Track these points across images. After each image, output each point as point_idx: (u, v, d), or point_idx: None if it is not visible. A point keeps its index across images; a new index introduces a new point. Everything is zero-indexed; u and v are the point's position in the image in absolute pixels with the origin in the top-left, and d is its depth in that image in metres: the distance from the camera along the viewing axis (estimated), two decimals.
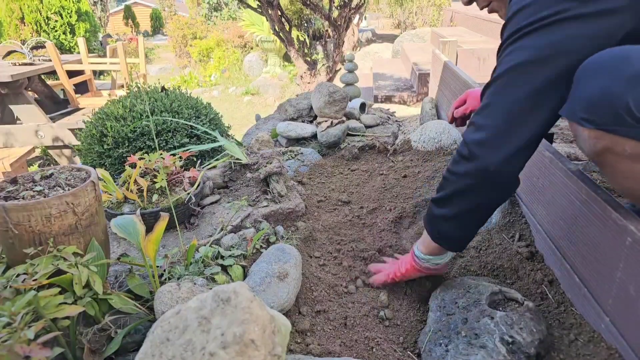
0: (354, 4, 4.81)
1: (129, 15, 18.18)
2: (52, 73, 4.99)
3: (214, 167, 1.79)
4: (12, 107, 4.56)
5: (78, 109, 5.08)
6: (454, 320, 1.06)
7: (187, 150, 1.74)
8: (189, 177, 1.53)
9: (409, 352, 1.06)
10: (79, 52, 5.64)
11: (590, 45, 0.82)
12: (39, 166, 5.37)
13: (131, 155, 1.52)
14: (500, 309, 1.04)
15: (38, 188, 0.94)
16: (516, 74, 0.90)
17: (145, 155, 1.50)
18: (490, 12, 1.23)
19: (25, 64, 4.68)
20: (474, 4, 1.23)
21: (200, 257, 1.15)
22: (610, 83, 0.75)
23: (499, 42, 1.13)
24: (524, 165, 0.94)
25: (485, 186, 0.96)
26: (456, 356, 0.97)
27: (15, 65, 4.65)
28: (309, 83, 5.10)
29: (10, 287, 0.80)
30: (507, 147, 0.90)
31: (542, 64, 0.86)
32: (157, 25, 19.05)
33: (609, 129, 0.77)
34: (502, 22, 1.23)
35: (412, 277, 1.21)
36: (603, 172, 0.91)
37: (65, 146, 4.61)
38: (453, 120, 1.56)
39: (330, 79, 5.10)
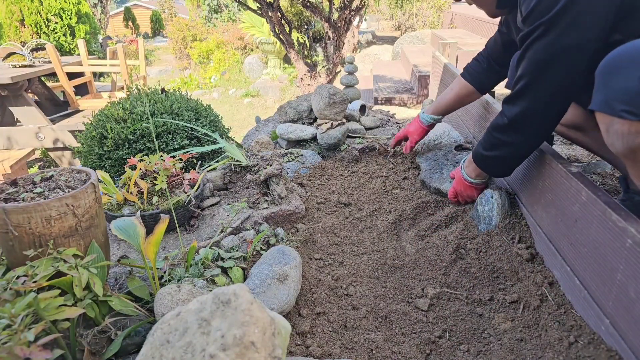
0: (354, 6, 4.82)
1: (129, 17, 18.22)
2: (52, 75, 5.00)
3: (214, 169, 1.79)
4: (12, 109, 4.56)
5: (78, 111, 5.08)
6: (439, 161, 1.84)
7: (187, 152, 1.74)
8: (189, 179, 1.53)
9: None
10: (79, 54, 5.65)
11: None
12: (39, 168, 5.37)
13: (131, 157, 1.52)
14: (462, 148, 1.91)
15: (38, 190, 0.94)
16: (556, 57, 1.04)
17: (146, 157, 1.50)
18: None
19: (25, 66, 4.68)
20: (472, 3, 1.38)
21: (200, 259, 1.15)
22: None
23: None
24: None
25: (530, 149, 1.27)
26: (449, 174, 1.70)
27: (15, 67, 4.65)
28: (309, 85, 5.10)
29: (10, 289, 0.80)
30: (549, 121, 1.16)
31: (580, 50, 1.01)
32: (157, 27, 19.08)
33: None
34: None
35: (464, 191, 1.53)
36: (630, 166, 0.91)
37: (65, 148, 4.61)
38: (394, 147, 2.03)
39: (330, 81, 5.10)
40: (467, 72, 1.75)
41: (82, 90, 5.54)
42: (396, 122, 2.95)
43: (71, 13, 9.07)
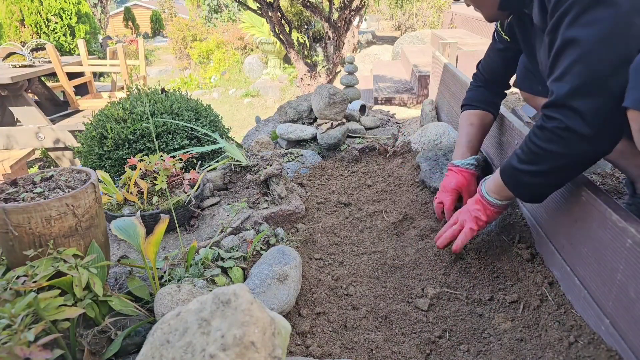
0: (353, 6, 4.82)
1: (129, 17, 18.22)
2: (52, 75, 5.00)
3: (214, 169, 1.79)
4: (12, 109, 4.56)
5: (78, 111, 5.08)
6: (439, 161, 1.82)
7: (187, 152, 1.74)
8: (189, 179, 1.53)
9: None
10: (79, 54, 5.65)
11: None
12: (39, 168, 5.37)
13: (131, 157, 1.52)
14: None
15: (38, 190, 0.94)
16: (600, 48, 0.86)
17: (146, 157, 1.50)
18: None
19: (25, 66, 4.68)
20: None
21: (200, 259, 1.15)
22: None
23: None
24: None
25: (588, 163, 0.99)
26: None
27: (16, 67, 4.65)
28: (309, 85, 5.10)
29: (11, 289, 0.80)
30: (614, 131, 0.89)
31: (623, 36, 0.84)
32: (157, 27, 19.08)
33: None
34: None
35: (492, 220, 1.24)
36: None
37: (66, 148, 4.61)
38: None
39: (330, 81, 5.10)
40: (477, 102, 1.57)
41: (82, 90, 5.54)
42: (396, 122, 2.95)
43: (71, 13, 9.07)
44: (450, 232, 1.28)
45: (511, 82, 1.59)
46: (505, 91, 1.60)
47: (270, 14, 4.60)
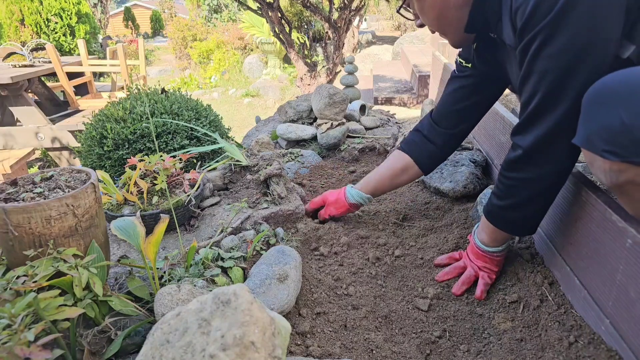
0: (353, 6, 4.82)
1: (129, 17, 18.22)
2: (52, 75, 5.00)
3: (214, 169, 1.79)
4: (12, 108, 4.56)
5: (78, 111, 5.08)
6: None
7: (187, 152, 1.74)
8: (189, 179, 1.53)
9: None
10: (79, 54, 5.65)
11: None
12: (39, 168, 5.37)
13: (131, 157, 1.52)
14: (462, 148, 1.92)
15: (38, 190, 0.94)
16: (563, 76, 0.88)
17: (146, 157, 1.50)
18: (432, 32, 1.20)
19: (25, 66, 4.68)
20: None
21: (200, 259, 1.15)
22: (626, 113, 0.71)
23: None
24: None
25: (559, 181, 1.03)
26: (449, 174, 1.71)
27: (15, 67, 4.65)
28: (309, 85, 5.10)
29: (10, 289, 0.80)
30: (573, 150, 0.94)
31: (582, 63, 0.86)
32: (157, 27, 19.08)
33: (633, 160, 0.72)
34: None
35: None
36: (620, 199, 0.87)
37: (65, 148, 4.61)
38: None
39: (330, 81, 5.10)
40: (404, 144, 1.51)
41: (82, 90, 5.54)
42: (396, 122, 2.95)
43: (71, 13, 9.08)
44: (467, 280, 1.25)
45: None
46: (460, 131, 1.43)
47: (270, 14, 4.60)
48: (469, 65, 1.33)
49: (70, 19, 9.08)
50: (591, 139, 0.78)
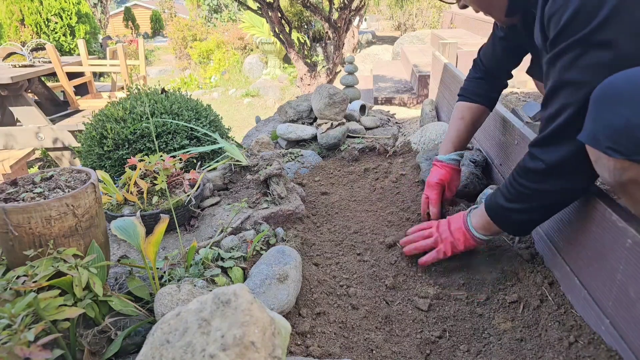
0: (353, 6, 4.82)
1: (129, 17, 18.22)
2: (52, 75, 5.00)
3: (214, 169, 1.79)
4: (12, 108, 4.56)
5: (78, 111, 5.08)
6: None
7: (187, 152, 1.74)
8: (189, 179, 1.53)
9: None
10: (79, 54, 5.65)
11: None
12: (39, 168, 5.37)
13: (131, 157, 1.52)
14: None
15: (38, 190, 0.94)
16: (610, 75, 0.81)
17: (146, 157, 1.50)
18: (485, 13, 1.22)
19: (25, 66, 4.68)
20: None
21: (200, 259, 1.15)
22: (632, 113, 0.72)
23: None
24: None
25: (576, 196, 1.03)
26: None
27: (16, 67, 4.65)
28: (309, 85, 5.10)
29: (10, 289, 0.80)
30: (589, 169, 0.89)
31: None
32: (157, 27, 19.08)
33: (635, 158, 0.73)
34: None
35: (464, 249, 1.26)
36: (623, 198, 0.87)
37: (65, 148, 4.61)
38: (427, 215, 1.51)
39: (330, 81, 5.10)
40: (473, 95, 1.56)
41: (82, 90, 5.54)
42: (396, 122, 2.95)
43: (71, 13, 9.08)
44: (422, 245, 1.31)
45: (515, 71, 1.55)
46: (507, 81, 1.56)
47: (270, 14, 4.60)
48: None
49: (70, 19, 9.08)
50: (596, 137, 0.79)
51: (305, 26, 10.41)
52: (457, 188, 1.52)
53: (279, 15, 4.67)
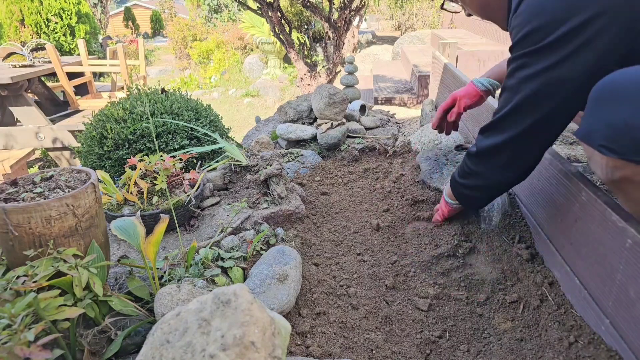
0: (353, 6, 4.82)
1: (129, 17, 18.22)
2: (52, 75, 5.00)
3: (214, 169, 1.79)
4: (12, 108, 4.56)
5: (78, 111, 5.08)
6: (439, 161, 1.81)
7: (187, 152, 1.74)
8: (189, 179, 1.53)
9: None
10: (79, 54, 5.65)
11: (587, 78, 0.87)
12: (39, 168, 5.37)
13: (131, 157, 1.52)
14: (462, 149, 1.83)
15: (38, 190, 0.94)
16: (526, 102, 0.97)
17: (146, 157, 1.50)
18: (483, 18, 1.26)
19: (25, 66, 4.68)
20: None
21: (200, 259, 1.15)
22: (631, 113, 0.72)
23: (499, 44, 1.13)
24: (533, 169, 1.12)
25: (500, 186, 1.21)
26: (449, 174, 1.68)
27: (15, 67, 4.65)
28: (309, 85, 5.10)
29: (10, 289, 0.80)
30: (522, 160, 1.09)
31: (548, 97, 0.94)
32: (157, 27, 19.08)
33: (630, 158, 0.74)
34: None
35: (449, 214, 1.46)
36: (617, 195, 0.89)
37: (65, 148, 4.61)
38: (440, 126, 1.54)
39: (330, 81, 5.10)
40: None
41: (82, 90, 5.54)
42: (396, 122, 2.95)
43: (71, 13, 9.08)
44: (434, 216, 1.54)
45: None
46: None
47: (270, 14, 4.60)
48: None
49: (70, 19, 9.08)
50: (591, 134, 0.80)
51: (305, 26, 10.41)
52: (466, 107, 1.48)
53: (279, 15, 4.67)
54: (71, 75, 5.07)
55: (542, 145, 1.04)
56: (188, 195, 1.46)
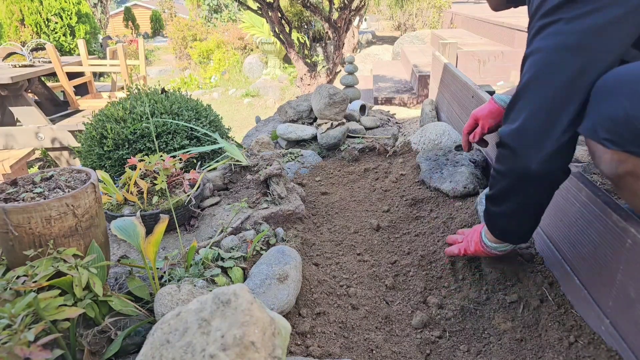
0: (354, 6, 4.82)
1: (129, 17, 18.22)
2: (52, 75, 4.99)
3: (214, 169, 1.79)
4: (12, 108, 4.56)
5: (78, 111, 5.08)
6: (439, 161, 1.82)
7: (187, 152, 1.74)
8: (189, 179, 1.53)
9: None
10: (79, 54, 5.64)
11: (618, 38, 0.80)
12: (39, 168, 5.37)
13: (131, 157, 1.52)
14: (462, 149, 1.62)
15: (38, 190, 0.94)
16: (550, 62, 0.86)
17: (146, 157, 1.50)
18: None
19: (25, 66, 4.68)
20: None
21: (200, 259, 1.15)
22: (631, 103, 0.72)
23: (499, 44, 1.11)
24: (569, 161, 0.91)
25: (529, 185, 0.94)
26: (449, 174, 1.71)
27: (15, 67, 4.65)
28: (309, 85, 5.10)
29: (10, 289, 0.80)
30: (548, 142, 0.87)
31: (577, 52, 0.83)
32: (157, 27, 19.07)
33: (631, 150, 0.74)
34: (504, 23, 1.19)
35: (480, 256, 1.24)
36: (619, 192, 0.88)
37: (65, 148, 4.61)
38: (469, 147, 1.44)
39: (330, 81, 5.10)
40: None
41: (82, 90, 5.53)
42: (396, 122, 2.95)
43: (71, 13, 9.07)
44: (452, 245, 1.32)
45: None
46: None
47: (270, 14, 4.60)
48: None
49: (70, 19, 9.08)
50: (595, 128, 0.79)
51: (305, 26, 10.40)
52: (490, 128, 1.36)
53: (279, 15, 4.67)
54: (71, 75, 5.07)
55: (580, 99, 0.85)
56: (188, 195, 1.46)
